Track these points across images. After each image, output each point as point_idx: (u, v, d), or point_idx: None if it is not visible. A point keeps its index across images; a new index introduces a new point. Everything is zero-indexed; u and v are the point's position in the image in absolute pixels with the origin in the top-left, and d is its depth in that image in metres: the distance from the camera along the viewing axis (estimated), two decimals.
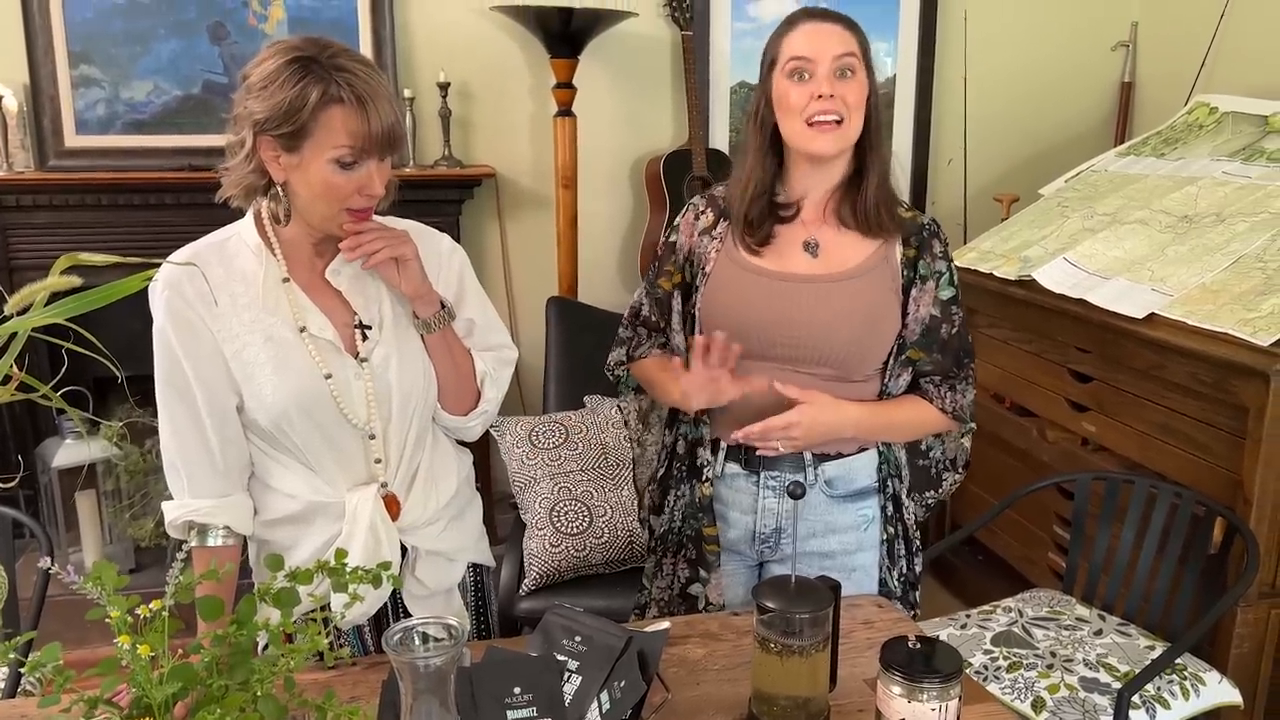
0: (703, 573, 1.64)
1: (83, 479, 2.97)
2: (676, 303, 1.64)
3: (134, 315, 1.35)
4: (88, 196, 3.04)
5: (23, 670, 0.89)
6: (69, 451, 2.98)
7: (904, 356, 1.58)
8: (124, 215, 3.08)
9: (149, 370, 1.39)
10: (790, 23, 1.54)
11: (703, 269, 1.60)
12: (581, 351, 3.01)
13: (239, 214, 1.43)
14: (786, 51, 1.51)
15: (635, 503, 2.51)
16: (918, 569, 1.72)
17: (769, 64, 1.54)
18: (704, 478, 1.62)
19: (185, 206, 3.06)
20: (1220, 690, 1.95)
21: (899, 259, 1.58)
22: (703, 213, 1.65)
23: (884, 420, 1.59)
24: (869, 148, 1.55)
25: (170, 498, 1.44)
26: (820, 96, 1.47)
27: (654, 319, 1.68)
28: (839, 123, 1.48)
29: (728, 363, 1.45)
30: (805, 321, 1.54)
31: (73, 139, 3.09)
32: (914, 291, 1.57)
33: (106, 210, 3.07)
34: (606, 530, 2.46)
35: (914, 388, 1.62)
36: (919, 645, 1.18)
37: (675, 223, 1.68)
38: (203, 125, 3.14)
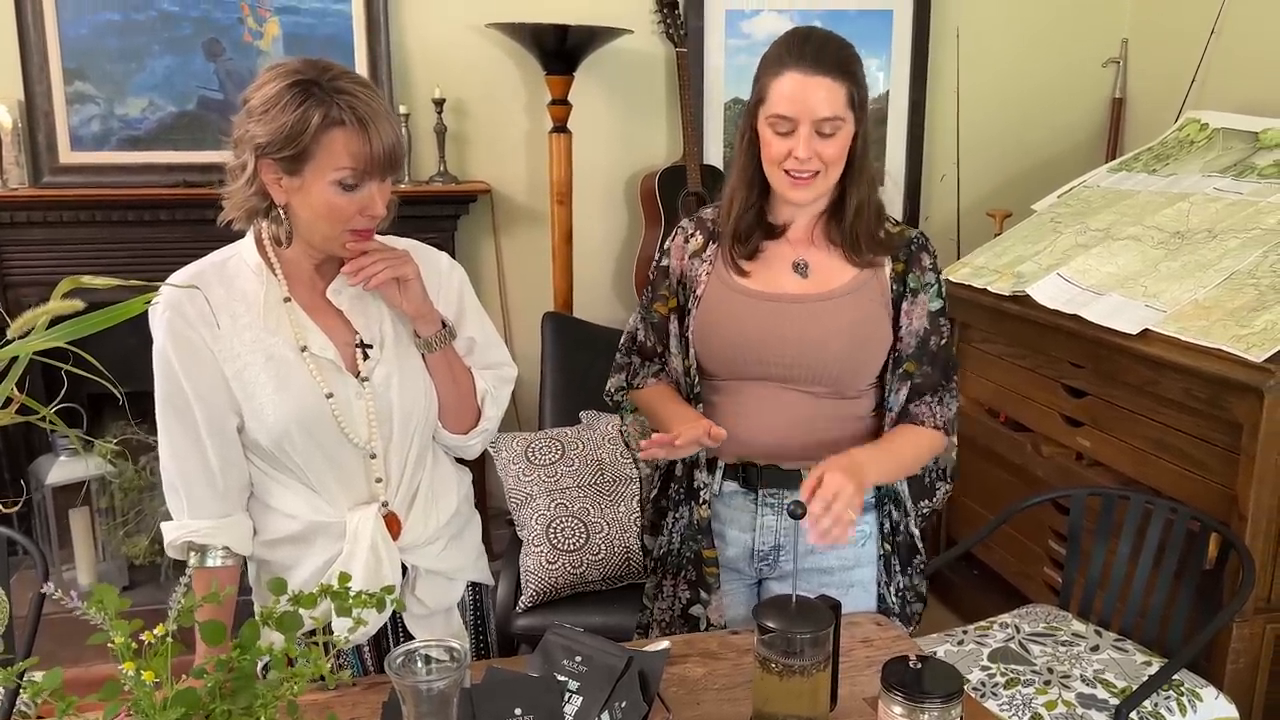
0: (703, 594, 1.64)
1: (82, 497, 2.96)
2: (674, 326, 1.64)
3: (130, 332, 1.34)
4: (82, 213, 3.03)
5: (24, 694, 0.89)
6: (63, 469, 2.96)
7: (901, 370, 1.59)
8: (119, 231, 3.07)
9: (145, 387, 1.38)
10: (780, 63, 1.48)
11: (694, 291, 1.61)
12: (577, 367, 3.01)
13: (234, 230, 1.43)
14: (771, 101, 1.48)
15: (635, 519, 2.51)
16: (917, 583, 1.72)
17: (756, 99, 1.52)
18: (701, 500, 1.62)
19: (180, 223, 3.06)
20: (1217, 706, 1.95)
21: (888, 274, 1.59)
22: (692, 235, 1.65)
23: (895, 461, 1.56)
24: (850, 180, 1.54)
25: (168, 516, 1.43)
26: (797, 157, 1.47)
27: (650, 344, 1.68)
28: (815, 174, 1.49)
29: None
30: (796, 340, 1.55)
31: (68, 155, 3.08)
32: (905, 305, 1.58)
33: (101, 226, 3.06)
34: (603, 547, 2.46)
35: (903, 414, 1.60)
36: (920, 665, 1.18)
37: (665, 247, 1.68)
38: (198, 141, 3.14)
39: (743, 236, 1.58)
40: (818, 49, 1.47)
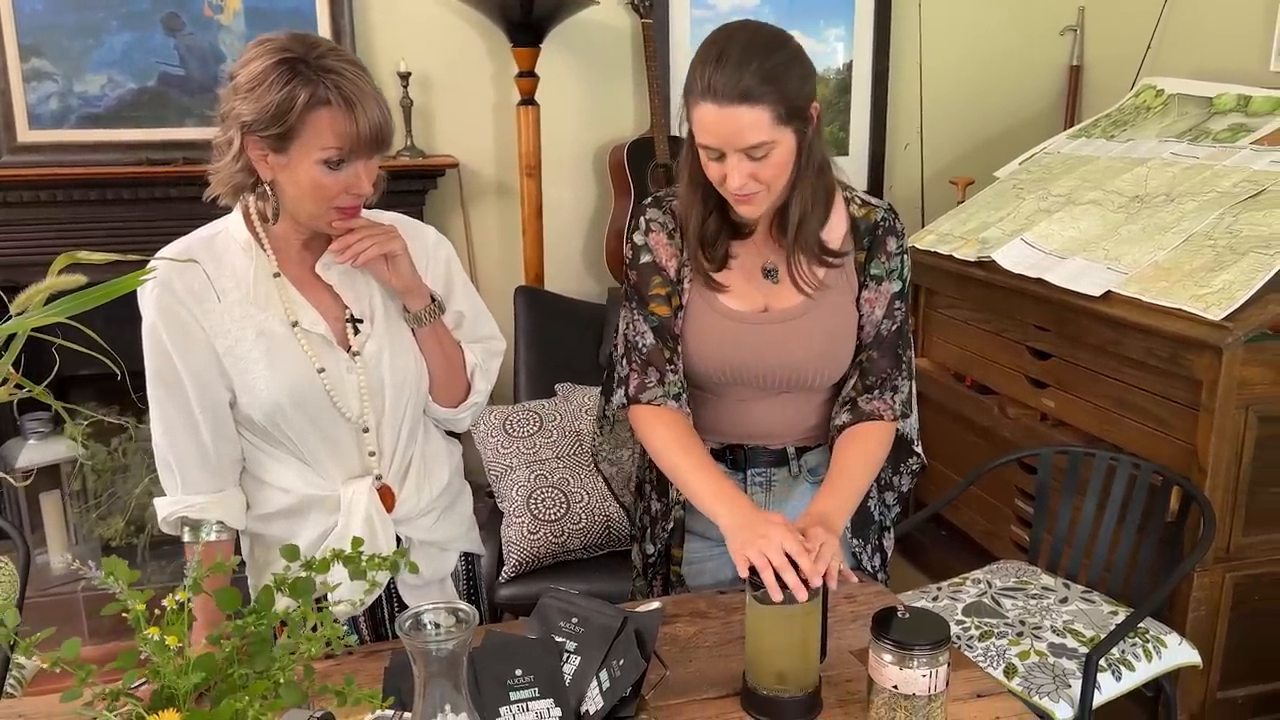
0: (670, 593, 1.67)
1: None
2: (676, 326, 1.54)
3: (97, 316, 1.31)
4: (43, 193, 2.98)
5: (44, 665, 0.90)
6: (33, 452, 2.93)
7: (859, 357, 1.57)
8: (81, 211, 3.03)
9: (113, 370, 1.36)
10: (694, 90, 1.36)
11: (681, 298, 1.55)
12: (551, 340, 3.03)
13: (199, 208, 1.42)
14: (696, 129, 1.39)
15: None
16: (888, 546, 1.77)
17: (688, 117, 1.41)
18: (674, 501, 1.62)
19: (143, 201, 3.02)
20: (1180, 651, 2.03)
21: (852, 264, 1.56)
22: (673, 232, 1.55)
23: (856, 493, 1.51)
24: (792, 190, 1.45)
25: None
26: (732, 184, 1.39)
27: (661, 350, 1.54)
28: (757, 193, 1.41)
29: None
30: (777, 357, 1.53)
31: (26, 134, 3.02)
32: (866, 293, 1.55)
33: (63, 206, 3.01)
34: (584, 516, 2.49)
35: (855, 409, 1.56)
36: (908, 614, 1.23)
37: (639, 241, 1.56)
38: (160, 118, 3.08)
39: (710, 242, 1.51)
40: (732, 72, 1.33)
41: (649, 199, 1.60)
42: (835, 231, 1.54)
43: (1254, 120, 2.71)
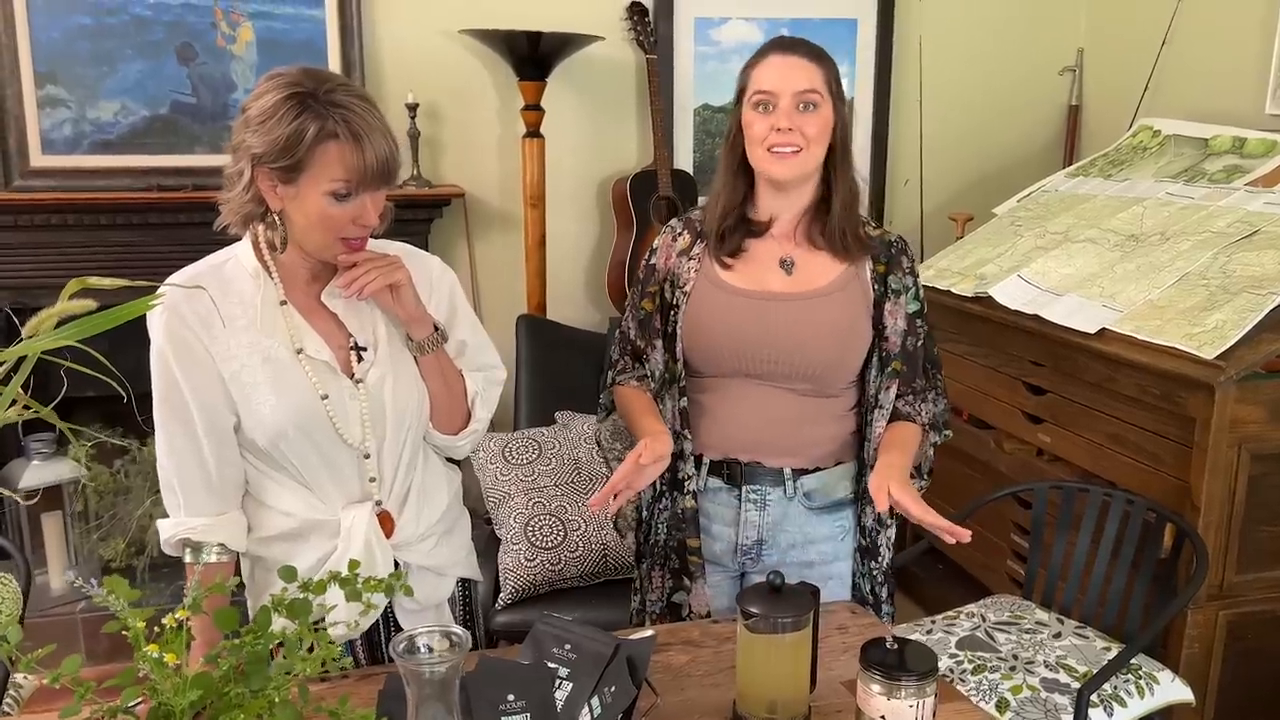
0: (686, 581, 1.69)
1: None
2: (657, 322, 1.69)
3: (102, 340, 1.33)
4: (54, 217, 3.03)
5: (44, 683, 0.92)
6: (35, 473, 2.96)
7: (889, 369, 1.65)
8: (91, 236, 3.07)
9: (116, 392, 1.39)
10: (761, 53, 1.61)
11: (682, 289, 1.66)
12: (552, 369, 3.06)
13: (208, 233, 1.45)
14: (753, 84, 1.59)
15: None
16: (892, 578, 1.80)
17: (739, 92, 1.62)
18: (686, 490, 1.67)
19: (153, 226, 3.06)
20: (1173, 689, 2.04)
21: (869, 275, 1.66)
22: (680, 234, 1.71)
23: (910, 458, 1.66)
24: (835, 174, 1.62)
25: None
26: (779, 129, 1.55)
27: (638, 342, 1.72)
28: (797, 151, 1.56)
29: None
30: (782, 339, 1.61)
31: (39, 159, 3.07)
32: (887, 305, 1.65)
33: (73, 230, 3.06)
34: (581, 544, 2.51)
35: (894, 412, 1.69)
36: (896, 645, 1.24)
37: (656, 244, 1.74)
38: (171, 146, 3.14)
39: (724, 234, 1.64)
40: (796, 39, 1.61)
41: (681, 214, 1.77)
42: None
43: (1249, 162, 2.75)
